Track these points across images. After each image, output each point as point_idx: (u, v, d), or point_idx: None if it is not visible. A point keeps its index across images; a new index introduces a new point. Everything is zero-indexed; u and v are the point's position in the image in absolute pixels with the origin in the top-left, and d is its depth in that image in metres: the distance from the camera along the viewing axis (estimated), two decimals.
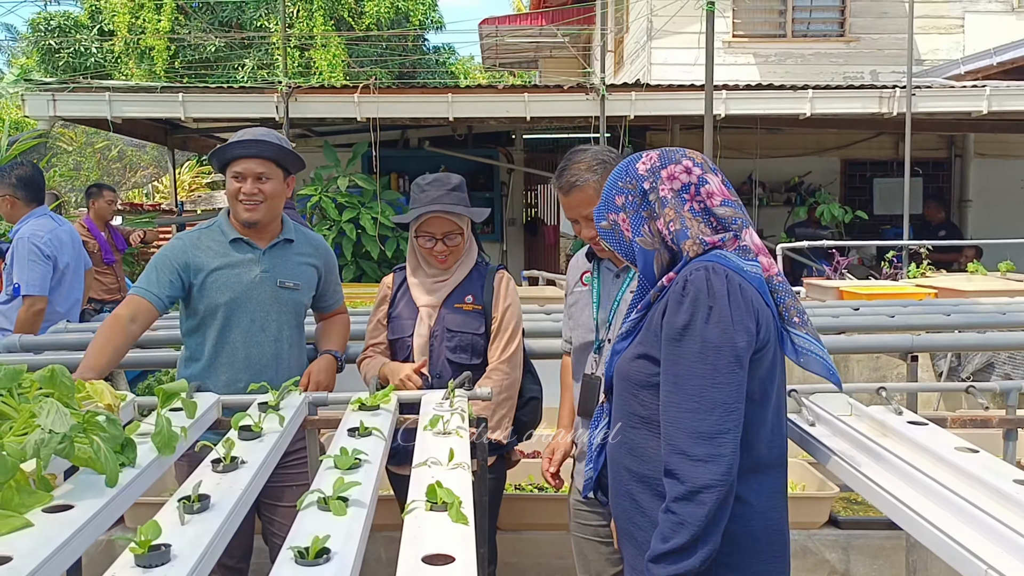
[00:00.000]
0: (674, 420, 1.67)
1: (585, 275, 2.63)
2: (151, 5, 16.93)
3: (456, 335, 2.76)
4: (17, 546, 1.22)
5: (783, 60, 11.44)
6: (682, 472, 1.63)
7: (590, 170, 2.37)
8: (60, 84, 9.25)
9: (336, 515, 1.41)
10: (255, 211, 2.70)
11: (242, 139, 2.72)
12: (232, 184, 2.71)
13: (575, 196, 2.41)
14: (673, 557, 1.61)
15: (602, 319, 2.52)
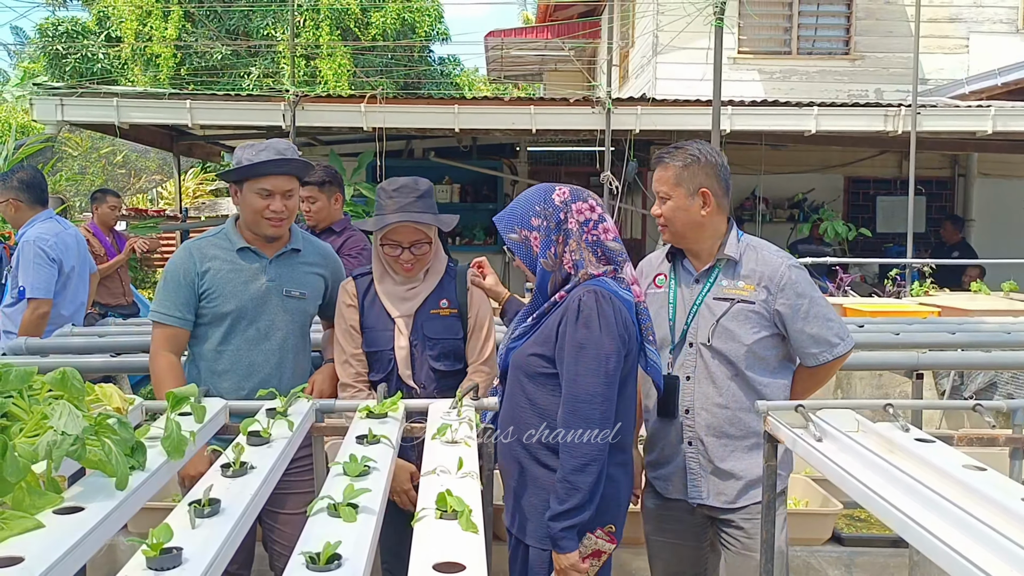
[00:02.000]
0: (571, 408, 2.19)
1: (659, 277, 2.67)
2: (158, 12, 17.01)
3: (439, 343, 2.70)
4: (28, 547, 1.22)
5: (788, 77, 11.49)
6: (574, 448, 2.17)
7: (683, 156, 2.52)
8: (69, 89, 9.28)
9: (346, 521, 1.41)
10: (281, 227, 2.74)
11: (272, 157, 2.67)
12: (258, 201, 2.68)
13: (658, 171, 2.55)
14: (570, 514, 2.17)
15: (679, 322, 2.56)
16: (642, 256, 10.56)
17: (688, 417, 2.58)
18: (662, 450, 2.65)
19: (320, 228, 4.40)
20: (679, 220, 2.55)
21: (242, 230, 2.78)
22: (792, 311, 2.50)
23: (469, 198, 12.17)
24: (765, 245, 2.63)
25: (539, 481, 2.32)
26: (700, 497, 2.59)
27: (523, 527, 2.36)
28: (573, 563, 2.21)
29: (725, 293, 2.54)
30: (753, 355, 2.52)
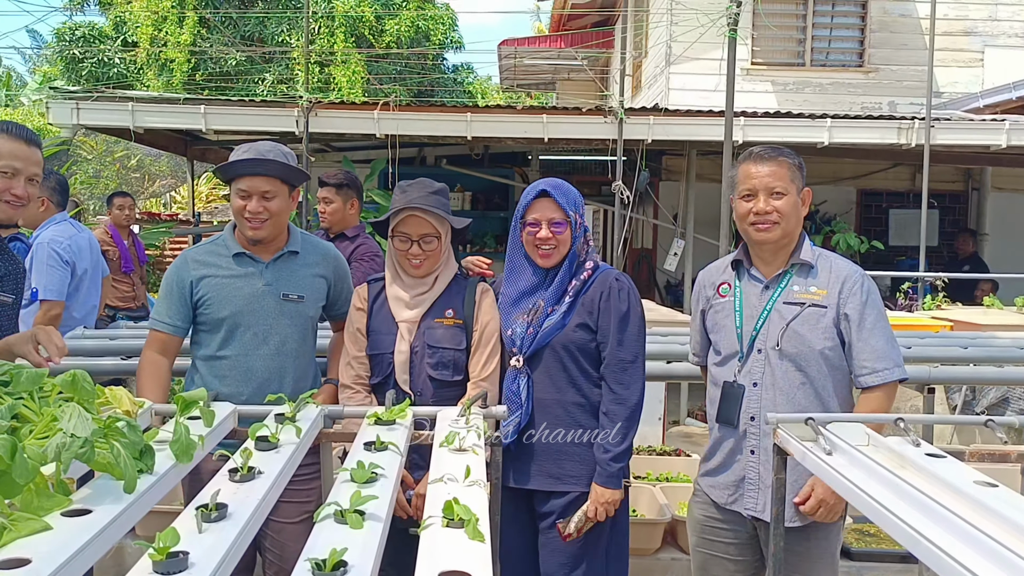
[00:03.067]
0: (621, 366, 2.64)
1: (723, 286, 2.68)
2: (174, 18, 17.12)
3: (438, 351, 2.69)
4: (36, 549, 1.22)
5: (801, 89, 11.47)
6: (628, 398, 2.64)
7: (791, 155, 2.60)
8: (85, 93, 9.35)
9: (353, 528, 1.41)
10: (260, 229, 2.70)
11: (246, 157, 2.68)
12: (237, 201, 2.70)
13: (768, 166, 2.55)
14: (624, 455, 2.64)
15: (746, 329, 2.57)
16: (653, 266, 10.60)
17: (753, 425, 2.56)
18: (722, 458, 2.65)
19: (334, 232, 4.42)
20: (793, 217, 2.54)
21: (238, 235, 2.79)
22: (860, 317, 2.47)
23: (480, 206, 12.19)
24: (838, 256, 2.65)
25: (576, 440, 2.68)
26: (755, 510, 2.56)
27: (562, 479, 2.68)
28: (620, 498, 2.66)
29: (796, 297, 2.53)
30: (825, 362, 2.50)
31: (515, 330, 2.68)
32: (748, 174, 2.58)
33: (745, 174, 2.59)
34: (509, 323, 2.71)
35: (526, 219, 2.71)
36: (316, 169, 9.57)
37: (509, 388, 2.67)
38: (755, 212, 2.55)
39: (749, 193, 2.57)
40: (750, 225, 2.57)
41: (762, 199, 2.54)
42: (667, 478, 4.24)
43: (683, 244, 9.82)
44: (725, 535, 2.66)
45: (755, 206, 2.55)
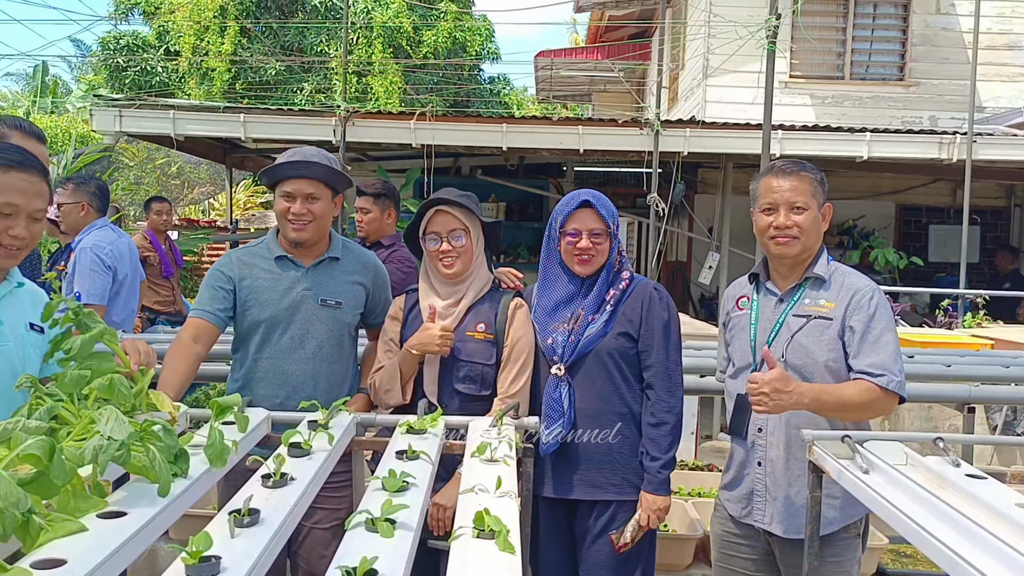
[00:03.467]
0: (667, 374, 2.67)
1: (742, 300, 2.70)
2: (216, 28, 17.39)
3: (465, 365, 2.68)
4: (72, 550, 1.23)
5: (840, 102, 11.36)
6: (673, 406, 2.66)
7: (812, 170, 2.59)
8: (127, 101, 9.52)
9: (384, 536, 1.41)
10: (304, 231, 2.73)
11: (292, 159, 2.74)
12: (281, 203, 2.74)
13: (790, 180, 2.55)
14: (672, 463, 2.65)
15: (760, 342, 2.58)
16: (688, 279, 10.56)
17: (760, 437, 2.57)
18: (735, 470, 2.66)
19: (371, 241, 4.46)
20: (813, 232, 2.54)
21: (281, 239, 2.82)
22: (865, 329, 2.45)
23: (515, 216, 12.22)
24: (854, 271, 2.63)
25: (620, 449, 2.68)
26: (763, 522, 2.56)
27: (604, 488, 2.67)
28: (669, 505, 2.67)
29: (805, 310, 2.53)
30: (830, 374, 2.48)
31: (556, 338, 2.67)
32: (769, 188, 2.58)
33: (766, 188, 2.59)
34: (548, 332, 2.70)
35: (565, 228, 2.70)
36: (352, 177, 9.65)
37: (551, 396, 2.65)
38: (775, 226, 2.54)
39: (770, 207, 2.56)
40: (770, 239, 2.57)
41: (783, 213, 2.53)
42: (699, 493, 4.20)
43: (718, 257, 9.75)
44: (743, 550, 2.65)
45: (775, 220, 2.54)
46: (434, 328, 2.64)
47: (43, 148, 2.59)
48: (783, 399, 2.30)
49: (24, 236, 2.07)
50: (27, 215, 2.07)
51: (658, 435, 2.63)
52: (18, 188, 2.04)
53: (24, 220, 2.06)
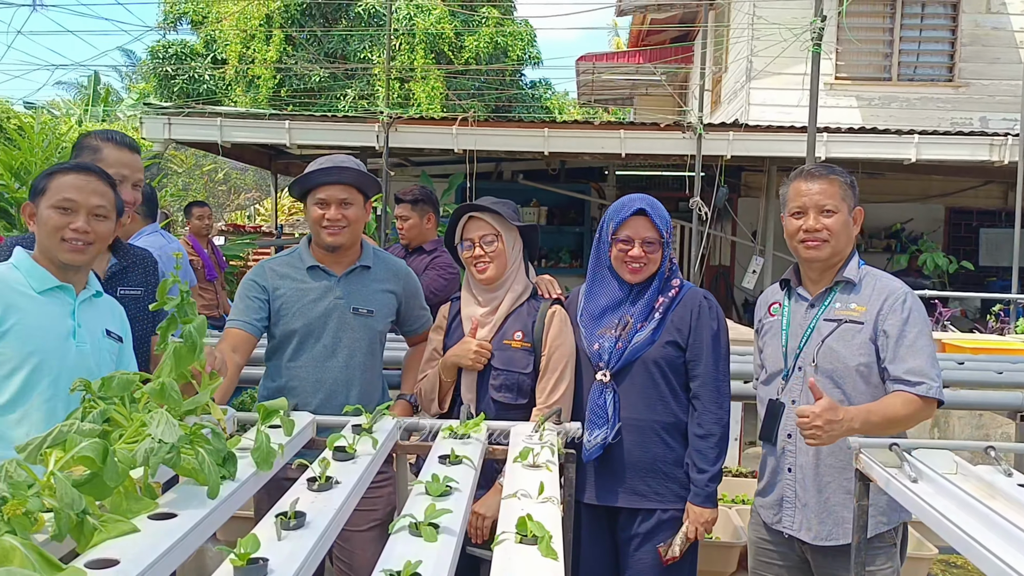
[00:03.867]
0: (715, 385, 2.62)
1: (773, 306, 2.70)
2: (261, 36, 17.65)
3: (501, 373, 2.68)
4: (124, 550, 1.26)
5: (887, 104, 11.18)
6: (720, 418, 2.61)
7: (842, 174, 2.57)
8: (176, 109, 9.71)
9: (427, 540, 1.42)
10: (339, 235, 2.76)
11: (323, 166, 2.78)
12: (315, 211, 2.77)
13: (819, 184, 2.54)
14: (719, 475, 2.61)
15: (791, 347, 2.57)
16: (731, 284, 10.46)
17: (790, 443, 2.55)
18: (767, 477, 2.65)
19: (413, 246, 4.50)
20: (843, 235, 2.52)
21: (313, 249, 2.85)
22: (899, 333, 2.42)
23: (556, 221, 12.21)
24: (885, 275, 2.60)
25: (664, 458, 2.66)
26: (793, 528, 2.54)
27: (647, 496, 2.65)
28: (716, 516, 2.64)
29: (836, 314, 2.51)
30: (861, 378, 2.46)
31: (602, 344, 2.66)
32: (798, 191, 2.56)
33: (795, 191, 2.57)
34: (594, 337, 2.69)
35: (618, 235, 2.68)
36: (395, 183, 9.73)
37: (595, 403, 2.64)
38: (804, 230, 2.52)
39: (799, 210, 2.55)
40: (799, 243, 2.55)
41: (812, 217, 2.51)
42: (743, 500, 4.16)
43: (762, 262, 9.65)
44: (776, 557, 2.63)
45: (805, 223, 2.53)
46: (471, 343, 2.66)
47: (135, 157, 2.69)
48: (835, 429, 2.26)
49: (86, 230, 2.19)
50: (87, 211, 2.19)
51: (705, 447, 2.61)
52: (74, 186, 2.19)
53: (84, 216, 2.19)
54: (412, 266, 4.23)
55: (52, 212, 2.17)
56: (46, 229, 2.17)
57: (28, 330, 2.11)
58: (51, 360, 2.13)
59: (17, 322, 2.11)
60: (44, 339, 2.13)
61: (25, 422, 2.10)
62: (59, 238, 2.16)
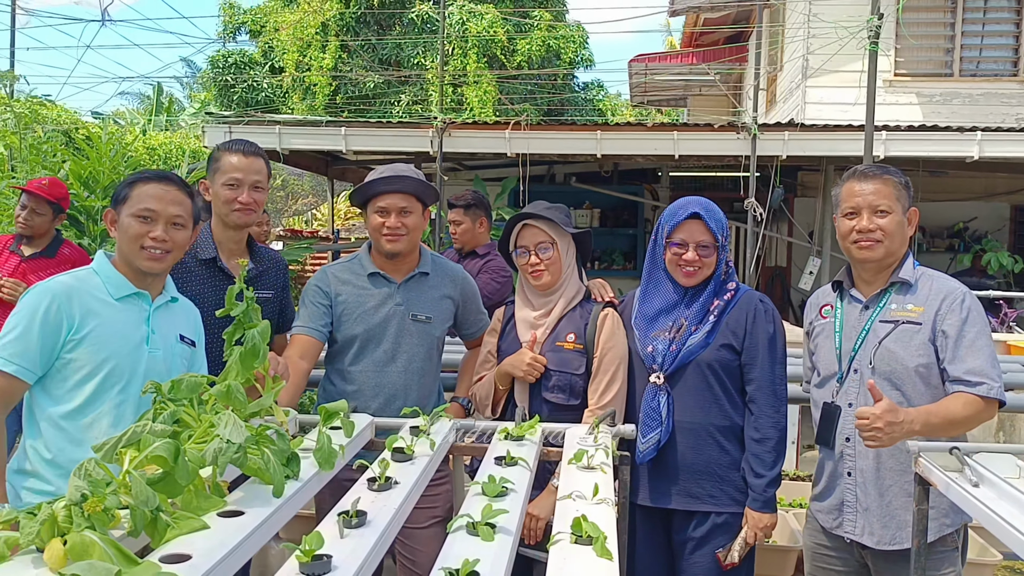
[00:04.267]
0: (771, 389, 2.61)
1: (825, 308, 2.68)
2: (318, 44, 17.95)
3: (555, 375, 2.72)
4: (196, 545, 1.32)
5: (949, 100, 10.91)
6: (777, 422, 2.60)
7: (897, 174, 2.56)
8: (236, 118, 9.93)
9: (484, 540, 1.46)
10: (399, 242, 2.83)
11: (384, 175, 2.84)
12: (375, 219, 2.84)
13: (872, 184, 2.52)
14: (778, 480, 2.60)
15: (845, 349, 2.56)
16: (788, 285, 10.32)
17: (849, 446, 2.53)
18: (824, 481, 2.63)
19: (466, 250, 4.56)
20: (897, 236, 2.51)
21: (374, 256, 2.92)
22: (958, 334, 2.39)
23: (609, 223, 12.18)
24: (942, 275, 2.57)
25: (718, 461, 2.65)
26: (854, 533, 2.52)
27: (701, 499, 2.65)
28: (775, 521, 2.64)
29: (892, 316, 2.49)
30: (920, 379, 2.43)
31: (656, 347, 2.67)
32: (851, 192, 2.54)
33: (848, 192, 2.55)
34: (648, 340, 2.70)
35: (672, 238, 2.69)
36: (449, 187, 9.82)
37: (648, 405, 2.65)
38: (858, 230, 2.50)
39: (852, 211, 2.53)
40: (852, 243, 2.53)
41: (865, 217, 2.49)
42: (800, 504, 4.12)
43: (819, 263, 9.51)
44: (835, 563, 2.61)
45: (858, 224, 2.51)
46: (526, 355, 2.70)
47: (251, 160, 2.83)
48: (895, 431, 2.24)
49: (165, 239, 2.27)
50: (165, 220, 2.28)
51: (762, 451, 2.60)
52: (153, 196, 2.28)
53: (163, 225, 2.28)
54: (466, 270, 4.30)
55: (132, 220, 2.26)
56: (126, 237, 2.26)
57: (104, 337, 2.20)
58: (123, 366, 2.22)
59: (94, 329, 2.19)
60: (118, 346, 2.22)
61: (95, 426, 2.18)
62: (139, 246, 2.25)
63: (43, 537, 1.20)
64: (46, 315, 2.15)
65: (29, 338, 2.13)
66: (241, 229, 2.89)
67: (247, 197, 2.81)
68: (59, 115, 11.52)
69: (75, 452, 2.15)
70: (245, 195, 2.81)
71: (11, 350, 2.13)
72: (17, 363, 2.13)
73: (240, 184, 2.81)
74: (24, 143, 7.03)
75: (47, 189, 4.57)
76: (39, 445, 2.19)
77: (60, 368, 2.18)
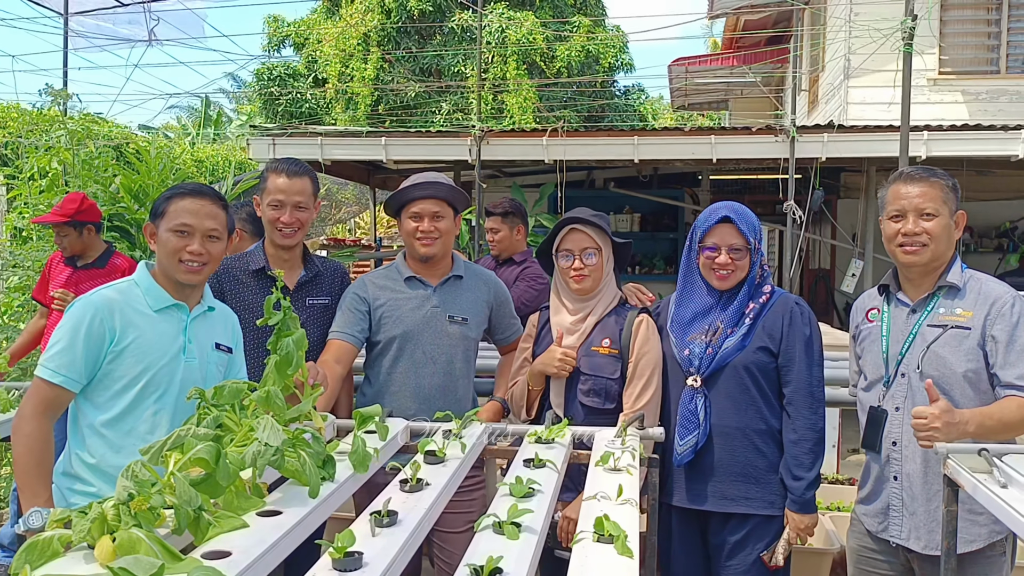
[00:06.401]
0: (809, 391, 2.63)
1: (871, 311, 2.68)
2: (359, 55, 18.20)
3: (589, 379, 2.76)
4: (236, 543, 1.39)
5: (995, 98, 10.71)
6: (815, 423, 2.62)
7: (944, 176, 2.54)
8: (280, 130, 10.12)
9: (509, 539, 1.52)
10: (432, 246, 2.92)
11: (417, 182, 2.94)
12: (409, 224, 2.93)
13: (918, 187, 2.51)
14: (816, 481, 2.62)
15: (892, 353, 2.55)
16: (832, 287, 10.17)
17: (895, 450, 2.53)
18: (871, 485, 2.63)
19: (503, 258, 4.62)
20: (944, 239, 2.50)
21: (409, 261, 3.00)
22: (1009, 338, 2.37)
23: (649, 227, 12.15)
24: (990, 278, 2.55)
25: (755, 463, 2.68)
26: (900, 537, 2.51)
27: (737, 501, 2.68)
28: (816, 522, 2.67)
29: (940, 320, 2.47)
30: (969, 385, 2.42)
31: (692, 350, 2.69)
32: (897, 195, 2.53)
33: (894, 195, 2.54)
34: (684, 343, 2.73)
35: (704, 242, 2.72)
36: (488, 195, 9.90)
37: (686, 408, 2.68)
38: (903, 233, 2.49)
39: (898, 214, 2.52)
40: (898, 247, 2.52)
41: (911, 220, 2.48)
42: (838, 507, 4.11)
43: (862, 265, 9.40)
44: (880, 566, 2.60)
45: (904, 227, 2.49)
46: (556, 351, 2.75)
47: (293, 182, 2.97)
48: (952, 432, 2.23)
49: (201, 252, 2.37)
50: (201, 234, 2.37)
51: (800, 452, 2.62)
52: (189, 210, 2.37)
53: (199, 238, 2.37)
54: (502, 277, 4.35)
55: (170, 235, 2.36)
56: (165, 251, 2.37)
57: (143, 349, 2.30)
58: (161, 376, 2.32)
59: (134, 340, 2.30)
60: (157, 356, 2.32)
61: (133, 433, 2.28)
62: (177, 260, 2.35)
63: (94, 534, 1.29)
64: (89, 328, 2.25)
65: (74, 350, 2.24)
66: (287, 248, 3.00)
67: (289, 217, 2.93)
68: (110, 131, 11.84)
69: (115, 458, 2.25)
70: (287, 216, 2.93)
71: (58, 362, 2.24)
72: (64, 374, 2.23)
73: (283, 205, 2.94)
74: (77, 159, 7.23)
75: (58, 211, 4.74)
76: (82, 451, 2.30)
77: (102, 378, 2.29)
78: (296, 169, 2.98)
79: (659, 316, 2.89)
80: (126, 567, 1.16)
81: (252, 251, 3.07)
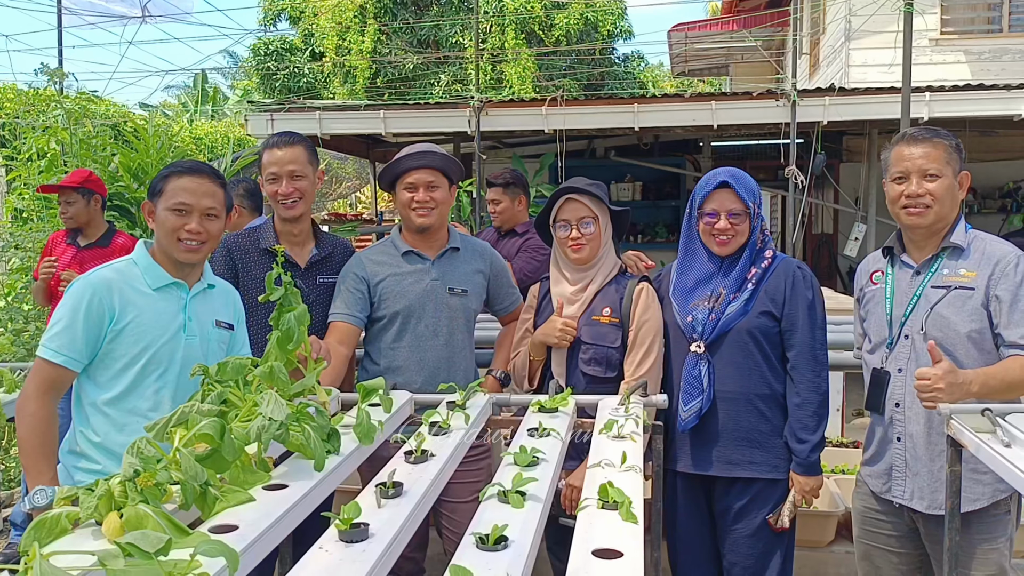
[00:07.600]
0: (812, 354, 2.65)
1: (875, 274, 2.68)
2: (356, 27, 18.05)
3: (591, 347, 2.76)
4: (242, 517, 1.40)
5: (998, 57, 10.62)
6: (818, 386, 2.64)
7: (947, 137, 2.52)
8: (278, 105, 10.08)
9: (514, 507, 1.52)
10: (428, 216, 2.91)
11: (410, 152, 2.93)
12: (404, 195, 2.92)
13: (922, 148, 2.49)
14: (821, 443, 2.66)
15: (896, 315, 2.55)
16: (835, 252, 10.17)
17: (898, 411, 2.54)
18: (874, 446, 2.64)
19: (505, 229, 4.61)
20: (948, 200, 2.48)
21: (405, 235, 2.99)
22: (1012, 298, 2.37)
23: (651, 196, 12.11)
24: (994, 238, 2.54)
25: (758, 427, 2.69)
26: (903, 497, 2.53)
27: (742, 465, 2.69)
28: (821, 484, 2.70)
29: (944, 281, 2.47)
30: (973, 345, 2.42)
31: (695, 316, 2.70)
32: (900, 156, 2.52)
33: (898, 156, 2.53)
34: (687, 310, 2.74)
35: (704, 209, 2.72)
36: (488, 166, 9.86)
37: (689, 373, 2.69)
38: (907, 195, 2.48)
39: (901, 175, 2.51)
40: (901, 208, 2.51)
41: (914, 181, 2.47)
42: (843, 470, 4.13)
43: (864, 228, 9.38)
44: (885, 526, 2.62)
45: (907, 189, 2.48)
46: (557, 321, 2.75)
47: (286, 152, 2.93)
48: (955, 392, 2.24)
49: (199, 231, 2.37)
50: (199, 213, 2.37)
51: (804, 415, 2.64)
52: (187, 189, 2.36)
53: (197, 217, 2.36)
54: (504, 248, 4.34)
55: (168, 214, 2.35)
56: (164, 230, 2.36)
57: (143, 327, 2.31)
58: (162, 354, 2.32)
59: (133, 319, 2.30)
60: (157, 334, 2.32)
61: (136, 411, 2.29)
62: (175, 238, 2.35)
63: (101, 511, 1.29)
64: (88, 308, 2.25)
65: (74, 330, 2.24)
66: (294, 221, 2.99)
67: (286, 188, 2.92)
68: (107, 109, 11.79)
69: (119, 436, 2.27)
70: (284, 186, 2.92)
71: (58, 342, 2.24)
72: (65, 354, 2.24)
73: (278, 177, 2.92)
74: (74, 138, 7.21)
75: (67, 179, 4.74)
76: (87, 429, 2.32)
77: (103, 357, 2.29)
78: (287, 140, 2.96)
79: (660, 284, 2.89)
80: (134, 542, 1.17)
81: (263, 228, 3.05)
